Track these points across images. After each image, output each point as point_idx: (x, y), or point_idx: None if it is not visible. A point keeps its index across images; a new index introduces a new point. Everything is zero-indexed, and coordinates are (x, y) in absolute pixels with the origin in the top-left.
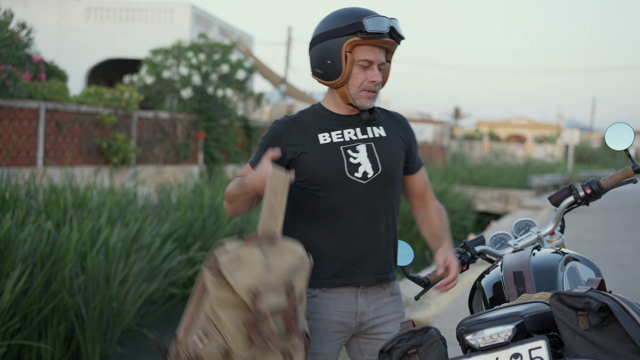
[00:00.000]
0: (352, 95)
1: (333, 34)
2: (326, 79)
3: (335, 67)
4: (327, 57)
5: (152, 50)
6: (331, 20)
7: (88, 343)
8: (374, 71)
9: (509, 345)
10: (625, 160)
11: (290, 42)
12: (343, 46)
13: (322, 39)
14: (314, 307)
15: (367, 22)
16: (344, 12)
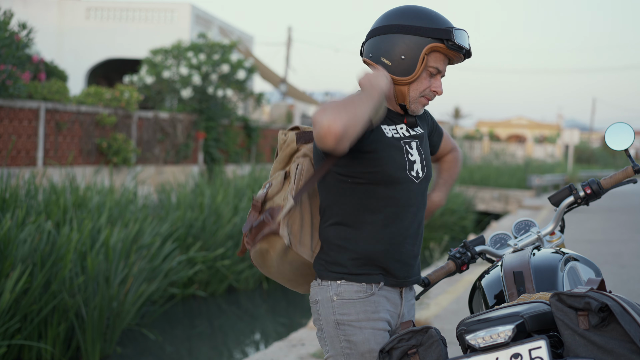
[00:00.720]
0: (411, 98)
1: (418, 31)
2: (395, 73)
3: (408, 64)
4: (404, 52)
5: (152, 50)
6: (417, 17)
7: (88, 343)
8: (439, 81)
9: (509, 345)
10: (626, 160)
11: (290, 42)
12: (425, 48)
13: (403, 30)
14: (372, 305)
15: (456, 34)
16: (432, 14)
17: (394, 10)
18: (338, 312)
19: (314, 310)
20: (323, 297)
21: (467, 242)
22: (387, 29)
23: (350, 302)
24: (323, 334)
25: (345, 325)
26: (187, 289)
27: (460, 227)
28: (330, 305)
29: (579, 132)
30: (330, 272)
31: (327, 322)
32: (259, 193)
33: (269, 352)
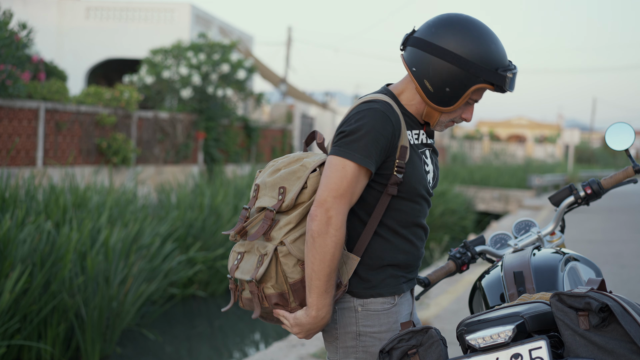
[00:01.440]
0: (440, 122)
1: (472, 69)
2: (432, 100)
3: (450, 98)
4: (449, 85)
5: (152, 50)
6: (476, 49)
7: (88, 343)
8: (471, 110)
9: (509, 346)
10: (626, 160)
11: (290, 42)
12: (473, 88)
13: (456, 63)
14: (394, 316)
15: (509, 80)
16: (491, 48)
17: (449, 25)
18: (361, 324)
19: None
20: (345, 306)
21: (467, 242)
22: (440, 53)
23: (375, 314)
24: (337, 342)
25: (367, 337)
26: (187, 289)
27: (461, 227)
28: (353, 315)
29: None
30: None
31: (345, 332)
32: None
33: (269, 352)
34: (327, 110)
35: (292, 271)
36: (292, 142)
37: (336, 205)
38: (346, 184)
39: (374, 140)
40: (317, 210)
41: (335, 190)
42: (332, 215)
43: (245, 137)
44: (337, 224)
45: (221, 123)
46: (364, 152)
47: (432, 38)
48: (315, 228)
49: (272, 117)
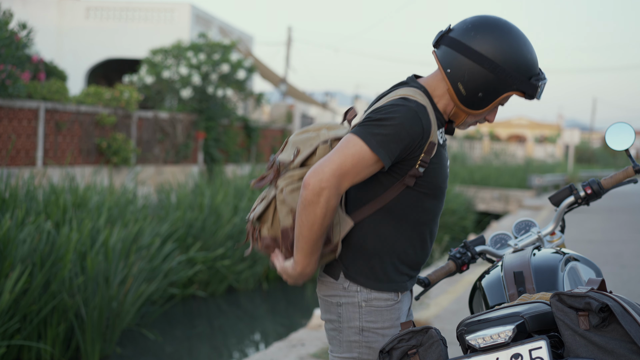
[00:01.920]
0: (465, 122)
1: (507, 77)
2: (463, 103)
3: (481, 101)
4: (483, 90)
5: (152, 50)
6: (513, 55)
7: (88, 343)
8: (495, 112)
9: (509, 346)
10: (626, 160)
11: (290, 42)
12: (504, 95)
13: (493, 70)
14: (397, 313)
15: (541, 90)
16: (528, 56)
17: (486, 29)
18: (365, 319)
19: (333, 310)
20: (349, 301)
21: (467, 242)
22: (477, 58)
23: (379, 310)
24: (340, 335)
25: (370, 332)
26: (187, 289)
27: (461, 227)
28: (357, 310)
29: (579, 132)
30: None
31: (349, 327)
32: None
33: (268, 352)
34: (327, 110)
35: (284, 218)
36: None
37: (333, 180)
38: (351, 163)
39: (398, 136)
40: (312, 179)
41: (337, 165)
42: (325, 187)
43: (245, 137)
44: (329, 197)
45: (221, 123)
46: (384, 143)
47: (470, 41)
48: (306, 196)
49: (272, 117)
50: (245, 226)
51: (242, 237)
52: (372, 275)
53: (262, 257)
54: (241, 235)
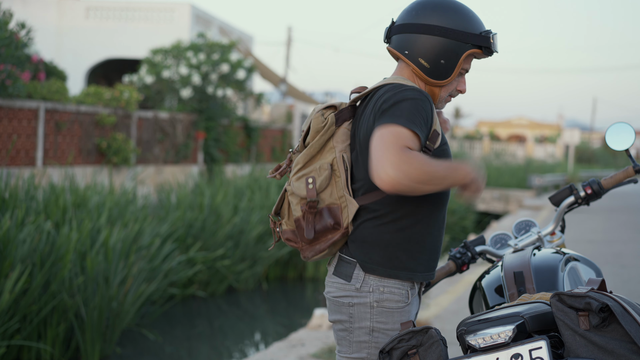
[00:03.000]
0: (440, 98)
1: (459, 37)
2: (430, 76)
3: (446, 69)
4: (443, 57)
5: (152, 50)
6: (458, 18)
7: (87, 343)
8: (464, 81)
9: (510, 346)
10: (626, 160)
11: (290, 42)
12: (464, 54)
13: (444, 34)
14: (407, 315)
15: (494, 40)
16: (471, 15)
17: (428, 5)
18: (376, 320)
19: (344, 311)
20: (361, 302)
21: (467, 242)
22: (427, 29)
23: (390, 311)
24: (350, 336)
25: (380, 333)
26: (187, 289)
27: (461, 227)
28: (368, 311)
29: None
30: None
31: (360, 327)
32: (307, 191)
33: (268, 352)
34: None
35: (295, 208)
36: (292, 142)
37: (393, 152)
38: (399, 139)
39: (417, 111)
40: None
41: (387, 147)
42: (396, 160)
43: (245, 137)
44: (408, 155)
45: (221, 123)
46: (410, 119)
47: (416, 19)
48: (406, 183)
49: (272, 117)
50: (244, 226)
51: (242, 237)
52: (388, 263)
53: (262, 257)
54: (241, 235)
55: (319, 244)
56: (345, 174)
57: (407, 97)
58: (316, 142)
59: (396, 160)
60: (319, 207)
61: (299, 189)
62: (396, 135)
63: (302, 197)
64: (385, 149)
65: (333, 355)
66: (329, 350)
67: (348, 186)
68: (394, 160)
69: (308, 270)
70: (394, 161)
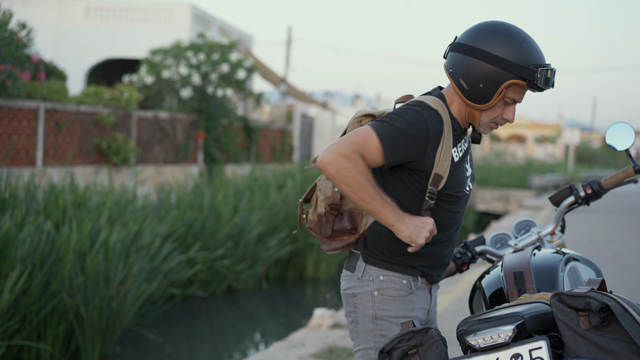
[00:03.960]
0: (482, 122)
1: (501, 64)
2: (468, 98)
3: (485, 94)
4: (482, 82)
5: (152, 50)
6: (503, 45)
7: (87, 343)
8: (513, 110)
9: (510, 346)
10: (626, 160)
11: (290, 42)
12: (505, 84)
13: (487, 59)
14: (410, 304)
15: (540, 75)
16: (522, 45)
17: (484, 29)
18: (377, 308)
19: (350, 302)
20: (363, 291)
21: (467, 242)
22: (472, 52)
23: (391, 298)
24: (357, 326)
25: (383, 321)
26: (187, 289)
27: (461, 227)
28: (370, 299)
29: (579, 132)
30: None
31: (364, 316)
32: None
33: (268, 352)
34: (327, 110)
35: (320, 204)
36: (292, 142)
37: (346, 146)
38: (359, 139)
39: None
40: (327, 157)
41: (344, 141)
42: (341, 152)
43: (245, 137)
44: (351, 156)
45: (221, 123)
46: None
47: (467, 40)
48: (331, 171)
49: (272, 117)
50: (245, 226)
51: (242, 237)
52: (387, 254)
53: (262, 257)
54: (241, 235)
55: (335, 242)
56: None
57: (408, 117)
58: None
59: (340, 154)
60: (341, 209)
61: (326, 189)
62: (364, 138)
63: (327, 197)
64: (345, 140)
65: (333, 356)
66: (329, 350)
67: None
68: (339, 152)
69: (308, 270)
70: (337, 153)
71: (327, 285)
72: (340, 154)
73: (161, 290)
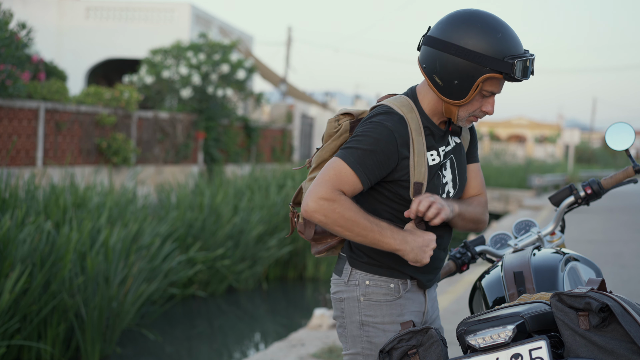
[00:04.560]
0: (460, 117)
1: (475, 58)
2: (443, 94)
3: (460, 90)
4: (457, 77)
5: (152, 50)
6: (477, 38)
7: (88, 343)
8: (491, 102)
9: (510, 346)
10: (626, 160)
11: (290, 42)
12: (480, 78)
13: (459, 54)
14: (398, 309)
15: (517, 67)
16: (494, 35)
17: (456, 20)
18: (364, 313)
19: (338, 307)
20: (349, 296)
21: (467, 242)
22: (444, 47)
23: (377, 304)
24: (345, 331)
25: (370, 327)
26: (187, 289)
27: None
28: (356, 305)
29: (579, 132)
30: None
31: (351, 322)
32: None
33: (268, 352)
34: (327, 110)
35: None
36: (292, 142)
37: (324, 188)
38: (333, 175)
39: (373, 153)
40: (311, 204)
41: (320, 184)
42: (322, 195)
43: (245, 137)
44: (332, 197)
45: (221, 123)
46: (360, 159)
47: (439, 34)
48: (320, 218)
49: (272, 117)
50: (245, 226)
51: (242, 237)
52: (371, 258)
53: (262, 257)
54: (241, 235)
55: (320, 245)
56: None
57: (372, 134)
58: (327, 145)
59: (322, 197)
60: None
61: (307, 189)
62: (338, 172)
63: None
64: (321, 181)
65: (333, 356)
66: (329, 350)
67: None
68: (320, 196)
69: (308, 270)
70: (319, 198)
71: (327, 285)
72: (322, 198)
73: (161, 290)
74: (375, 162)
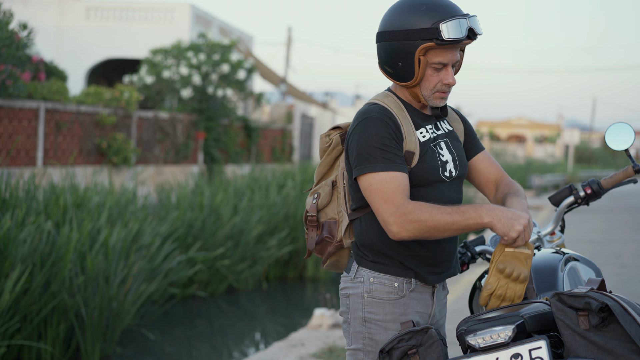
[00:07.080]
0: (425, 96)
1: (405, 36)
2: (397, 79)
3: (407, 69)
4: (398, 59)
5: (152, 50)
6: (403, 17)
7: (88, 343)
8: (449, 73)
9: (509, 346)
10: (626, 160)
11: (290, 42)
12: (416, 51)
13: (392, 37)
14: (401, 308)
15: (444, 29)
16: (418, 9)
17: (386, 12)
18: (367, 310)
19: (344, 302)
20: (354, 292)
21: (467, 242)
22: (381, 37)
23: (380, 302)
24: (349, 327)
25: (372, 324)
26: (187, 289)
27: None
28: (360, 301)
29: (579, 132)
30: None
31: (355, 317)
32: (310, 205)
33: (269, 352)
34: (327, 110)
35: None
36: (292, 142)
37: (390, 206)
38: (388, 189)
39: (384, 145)
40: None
41: (380, 204)
42: (396, 213)
43: (245, 137)
44: (404, 208)
45: (221, 123)
46: (385, 159)
47: (378, 30)
48: (408, 235)
49: (272, 117)
50: (245, 226)
51: (242, 237)
52: (376, 255)
53: (262, 257)
54: (241, 235)
55: (322, 255)
56: (344, 190)
57: (371, 132)
58: (324, 160)
59: (396, 218)
60: (321, 221)
61: (308, 204)
62: (381, 185)
63: (306, 210)
64: (380, 204)
65: (333, 355)
66: (329, 350)
67: (345, 201)
68: (394, 219)
69: (308, 270)
70: (394, 220)
71: (327, 285)
72: (398, 214)
73: (161, 290)
74: (391, 149)
